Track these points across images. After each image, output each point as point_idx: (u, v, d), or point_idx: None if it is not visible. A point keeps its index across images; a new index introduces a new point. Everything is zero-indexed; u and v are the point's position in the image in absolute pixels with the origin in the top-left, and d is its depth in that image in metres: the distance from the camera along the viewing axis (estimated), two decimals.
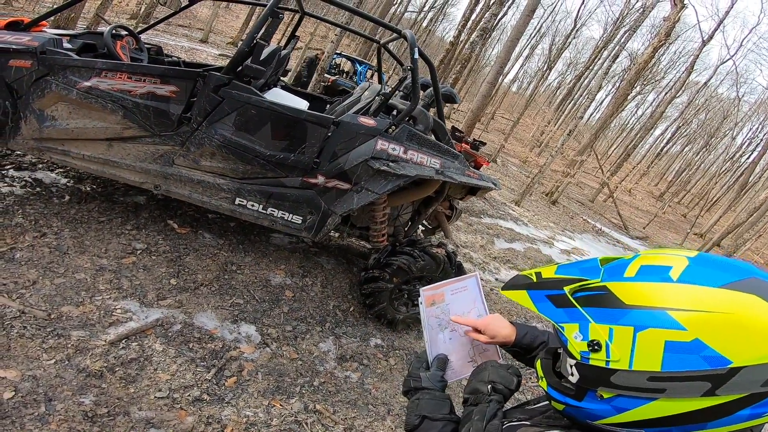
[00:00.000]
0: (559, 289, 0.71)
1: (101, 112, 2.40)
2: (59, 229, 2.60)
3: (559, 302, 0.70)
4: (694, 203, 31.27)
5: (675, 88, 18.12)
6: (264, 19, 2.49)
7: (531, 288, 0.76)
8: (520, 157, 19.55)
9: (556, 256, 6.92)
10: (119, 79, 2.34)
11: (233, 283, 2.82)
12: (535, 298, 0.74)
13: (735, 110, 26.65)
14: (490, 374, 0.91)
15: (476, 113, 10.42)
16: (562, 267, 0.77)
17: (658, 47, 10.20)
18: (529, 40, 30.15)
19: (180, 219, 3.19)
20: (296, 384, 2.31)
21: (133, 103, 2.40)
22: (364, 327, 3.01)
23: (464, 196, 3.31)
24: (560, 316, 0.69)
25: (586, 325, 0.65)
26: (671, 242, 16.82)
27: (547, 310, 0.71)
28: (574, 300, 0.69)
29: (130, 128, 2.44)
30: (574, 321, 0.67)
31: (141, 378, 1.95)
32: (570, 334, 0.67)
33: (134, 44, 2.95)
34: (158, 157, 2.53)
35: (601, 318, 0.64)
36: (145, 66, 2.45)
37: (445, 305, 1.05)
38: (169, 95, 2.40)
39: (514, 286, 0.80)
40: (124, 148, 2.49)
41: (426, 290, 1.05)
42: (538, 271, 0.79)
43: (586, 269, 0.72)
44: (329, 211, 2.73)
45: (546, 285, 0.74)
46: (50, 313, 2.05)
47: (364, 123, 2.63)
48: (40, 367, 1.79)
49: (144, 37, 3.19)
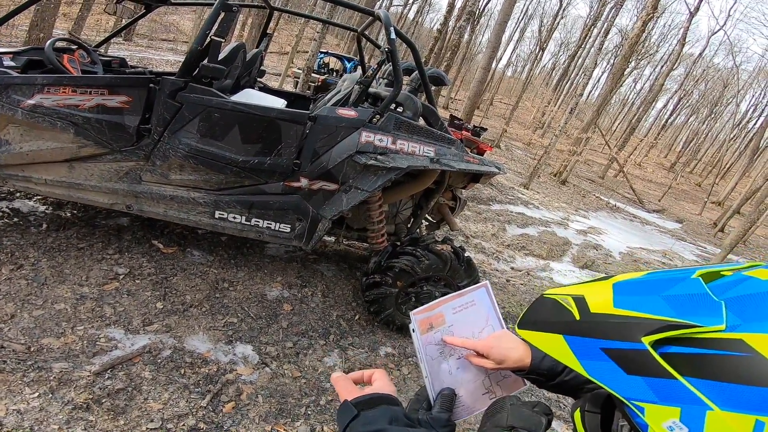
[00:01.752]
0: (632, 339, 0.42)
1: (51, 131, 2.23)
2: (36, 260, 2.50)
3: (632, 364, 0.42)
4: (707, 171, 30.69)
5: (671, 60, 17.85)
6: (215, 14, 2.26)
7: (572, 332, 0.47)
8: (524, 139, 19.22)
9: (573, 237, 6.65)
10: (63, 93, 2.16)
11: (226, 302, 2.64)
12: (581, 351, 0.45)
13: (734, 79, 26.21)
14: (510, 416, 0.67)
15: (474, 100, 10.20)
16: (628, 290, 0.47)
17: (647, 20, 10.03)
18: (518, 23, 30.18)
19: (166, 238, 3.01)
20: (301, 405, 2.14)
21: (83, 119, 2.22)
22: (372, 336, 2.81)
23: (467, 185, 3.08)
24: (635, 389, 0.41)
25: (696, 413, 0.38)
26: (689, 213, 16.35)
27: (607, 374, 0.43)
28: (666, 363, 0.40)
29: (86, 146, 2.27)
30: (667, 402, 0.39)
31: (130, 408, 1.85)
32: (657, 421, 0.40)
33: (87, 58, 2.76)
34: (124, 175, 2.36)
35: (732, 402, 0.36)
36: (89, 77, 2.26)
37: (447, 328, 0.80)
38: (121, 106, 2.21)
39: (539, 324, 0.52)
40: (85, 168, 2.32)
41: (417, 314, 0.79)
42: (579, 295, 0.49)
43: (682, 300, 0.42)
44: (318, 215, 2.52)
45: (601, 328, 0.45)
46: (29, 346, 1.97)
47: (343, 115, 2.41)
48: (24, 401, 1.72)
49: (127, 52, 3.00)
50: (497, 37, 9.60)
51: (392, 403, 0.61)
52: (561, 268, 5.36)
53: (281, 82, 9.98)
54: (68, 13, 11.44)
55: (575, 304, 0.48)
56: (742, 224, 8.15)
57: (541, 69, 39.89)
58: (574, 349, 0.46)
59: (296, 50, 10.97)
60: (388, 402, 0.61)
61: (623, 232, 8.68)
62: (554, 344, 0.48)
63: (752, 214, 8.37)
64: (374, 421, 0.57)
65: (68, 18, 9.66)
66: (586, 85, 13.39)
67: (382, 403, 0.61)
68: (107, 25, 12.21)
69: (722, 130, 35.91)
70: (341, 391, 0.65)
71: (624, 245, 7.37)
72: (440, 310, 0.79)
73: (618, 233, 8.30)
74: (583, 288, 0.50)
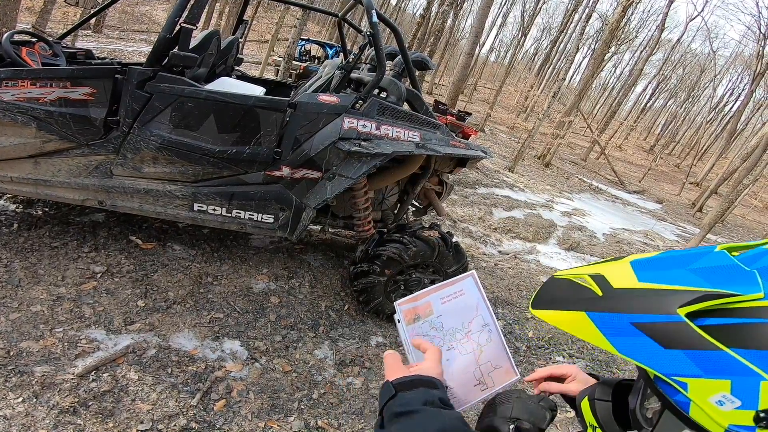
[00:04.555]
0: (666, 311, 0.40)
1: (13, 126, 2.12)
2: (9, 261, 2.40)
3: (670, 338, 0.39)
4: (685, 153, 31.42)
5: (650, 45, 18.12)
6: (185, 0, 2.15)
7: (596, 308, 0.44)
8: (508, 123, 19.30)
9: (558, 219, 6.71)
10: (22, 87, 2.04)
11: (210, 297, 2.57)
12: (608, 328, 0.42)
13: (711, 64, 26.96)
14: (515, 408, 0.66)
15: (458, 85, 10.15)
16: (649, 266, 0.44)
17: (627, 6, 10.17)
18: (500, 8, 30.15)
19: (144, 233, 2.91)
20: (293, 399, 2.11)
21: (44, 112, 2.11)
22: (363, 325, 2.78)
23: (453, 169, 3.04)
24: (675, 364, 0.39)
25: (749, 384, 0.36)
26: (668, 193, 16.74)
27: (641, 350, 0.41)
28: (706, 334, 0.38)
29: (51, 141, 2.16)
30: (714, 374, 0.38)
31: (119, 411, 1.81)
32: (703, 396, 0.38)
33: (48, 50, 2.61)
34: (93, 170, 2.25)
35: None
36: (49, 69, 2.14)
37: (434, 318, 0.77)
38: (85, 98, 2.10)
39: (558, 302, 0.48)
40: (52, 164, 2.21)
41: (402, 303, 0.77)
42: (596, 273, 0.46)
43: (713, 271, 0.41)
44: (302, 204, 2.46)
45: (628, 303, 0.42)
46: (8, 350, 1.91)
47: (325, 101, 2.34)
48: (9, 406, 1.69)
49: (97, 44, 2.85)
50: (480, 23, 9.53)
51: (431, 387, 0.62)
52: (547, 250, 5.42)
53: (262, 71, 9.74)
54: (32, 7, 10.90)
55: (594, 282, 0.45)
56: (720, 204, 8.36)
57: (524, 54, 40.06)
58: (600, 326, 0.43)
59: (276, 38, 10.68)
60: (427, 385, 0.62)
61: (606, 214, 8.82)
62: (577, 322, 0.45)
63: (730, 195, 8.59)
64: (409, 403, 0.59)
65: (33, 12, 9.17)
66: (569, 69, 13.50)
67: (421, 385, 0.62)
68: (74, 17, 11.69)
69: (699, 113, 36.79)
70: (387, 369, 0.67)
71: (607, 226, 7.49)
72: (428, 300, 0.77)
73: (601, 215, 8.43)
74: (597, 267, 0.47)
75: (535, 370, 0.83)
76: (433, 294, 0.78)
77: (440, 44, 21.26)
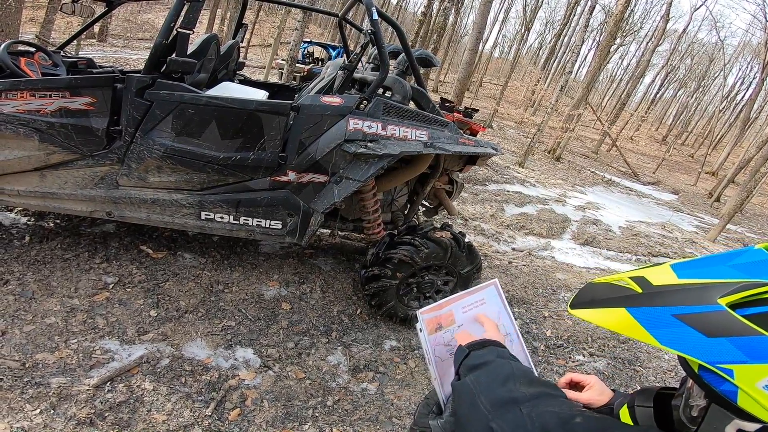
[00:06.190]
0: (708, 302, 0.41)
1: (15, 139, 2.10)
2: (21, 274, 2.41)
3: (713, 326, 0.40)
4: (699, 143, 30.83)
5: (656, 36, 17.80)
6: (180, 5, 2.10)
7: (636, 304, 0.45)
8: (516, 119, 19.11)
9: (571, 213, 6.60)
10: (22, 98, 2.02)
11: (222, 305, 2.56)
12: (649, 321, 0.43)
13: (720, 53, 26.49)
14: None
15: (463, 82, 10.06)
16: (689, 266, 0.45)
17: None
18: (502, 3, 30.00)
19: (155, 243, 2.91)
20: (308, 407, 2.09)
21: (46, 124, 2.09)
22: (376, 329, 2.74)
23: (463, 167, 2.98)
24: (720, 352, 0.40)
25: None
26: (684, 183, 16.39)
27: (684, 340, 0.41)
28: (749, 322, 0.39)
29: (55, 153, 2.14)
30: (761, 359, 0.38)
31: (135, 421, 1.81)
32: (751, 381, 0.38)
33: (48, 60, 2.61)
34: (99, 181, 2.23)
35: None
36: (46, 79, 2.12)
37: (456, 328, 0.77)
38: (85, 108, 2.08)
39: (597, 302, 0.49)
40: (58, 176, 2.20)
41: (425, 312, 0.77)
42: (638, 276, 0.47)
43: (752, 266, 0.42)
44: (310, 209, 2.42)
45: (669, 297, 0.43)
46: (24, 362, 1.92)
47: (328, 103, 2.30)
48: (27, 418, 1.69)
49: (102, 53, 2.86)
50: (482, 18, 9.43)
51: (499, 346, 0.71)
52: (562, 245, 5.31)
53: (266, 75, 9.78)
54: (36, 18, 11.11)
55: (634, 282, 0.47)
56: (738, 193, 8.15)
57: (527, 49, 39.72)
58: (641, 320, 0.44)
59: (279, 41, 10.72)
60: (495, 345, 0.71)
61: (621, 206, 8.65)
62: (617, 319, 0.45)
63: (748, 183, 8.36)
64: (483, 356, 0.67)
65: (36, 22, 9.33)
66: (575, 62, 13.33)
67: (490, 345, 0.71)
68: (78, 27, 11.91)
69: (711, 102, 36.13)
70: (459, 341, 0.74)
71: (623, 219, 7.34)
72: (450, 309, 0.76)
73: (616, 207, 8.27)
74: (636, 271, 0.48)
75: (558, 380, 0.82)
76: (455, 303, 0.78)
77: (443, 41, 21.15)
